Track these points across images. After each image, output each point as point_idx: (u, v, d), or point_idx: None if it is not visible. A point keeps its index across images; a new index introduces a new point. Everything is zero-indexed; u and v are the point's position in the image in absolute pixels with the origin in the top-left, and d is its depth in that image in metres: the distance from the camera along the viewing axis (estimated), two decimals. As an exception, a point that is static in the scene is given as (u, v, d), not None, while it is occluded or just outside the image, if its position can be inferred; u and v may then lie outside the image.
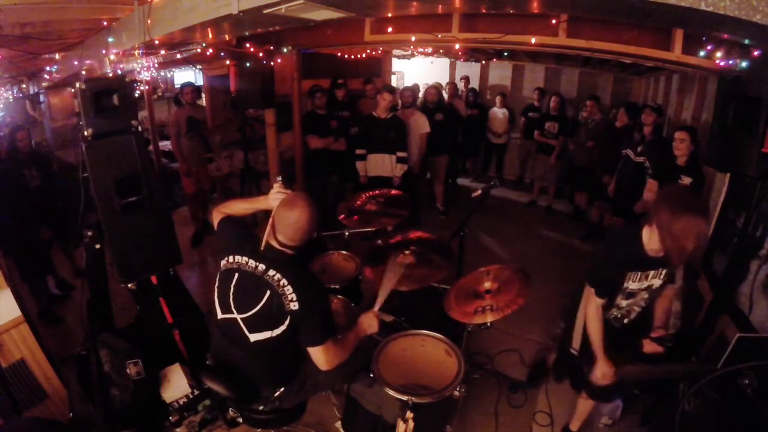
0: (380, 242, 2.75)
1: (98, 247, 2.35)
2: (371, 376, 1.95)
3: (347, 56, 5.70)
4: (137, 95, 4.63)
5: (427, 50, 6.31)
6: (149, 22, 2.35)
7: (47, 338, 2.61)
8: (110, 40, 2.81)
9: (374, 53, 6.07)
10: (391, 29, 3.48)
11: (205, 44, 3.35)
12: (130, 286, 2.44)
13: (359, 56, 5.86)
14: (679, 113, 4.51)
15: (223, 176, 5.13)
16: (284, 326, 1.67)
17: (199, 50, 3.65)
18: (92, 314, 2.44)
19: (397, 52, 6.73)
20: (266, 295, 1.67)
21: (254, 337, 1.72)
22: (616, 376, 1.89)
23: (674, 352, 1.93)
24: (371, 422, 1.99)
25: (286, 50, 4.36)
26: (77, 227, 2.35)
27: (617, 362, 1.89)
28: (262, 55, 4.00)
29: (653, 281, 1.93)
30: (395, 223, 3.00)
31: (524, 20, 3.00)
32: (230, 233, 1.87)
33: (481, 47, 4.92)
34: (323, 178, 4.71)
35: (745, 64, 2.27)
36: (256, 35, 3.69)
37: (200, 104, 5.56)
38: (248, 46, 3.91)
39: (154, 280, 2.53)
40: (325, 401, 2.50)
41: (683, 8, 1.39)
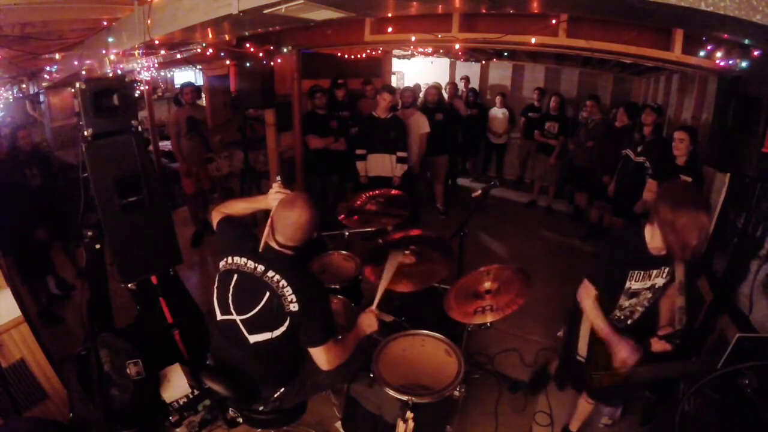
0: (380, 242, 2.75)
1: (98, 247, 2.36)
2: (371, 376, 1.95)
3: (347, 56, 5.70)
4: (137, 95, 4.63)
5: (427, 50, 6.31)
6: (149, 22, 2.35)
7: (47, 338, 2.61)
8: (110, 40, 2.81)
9: (374, 53, 6.07)
10: (391, 29, 3.48)
11: (205, 44, 3.35)
12: (130, 286, 2.44)
13: (359, 56, 5.86)
14: (679, 113, 4.50)
15: (223, 176, 5.13)
16: (284, 327, 1.67)
17: (199, 50, 3.65)
18: (92, 314, 2.44)
19: (397, 52, 6.73)
20: (266, 296, 1.67)
21: (254, 338, 1.72)
22: (639, 352, 1.80)
23: (683, 348, 1.91)
24: (371, 422, 1.99)
25: (286, 50, 4.36)
26: (77, 227, 2.35)
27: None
28: (262, 55, 4.00)
29: (656, 280, 1.92)
30: (395, 223, 3.00)
31: (524, 20, 3.00)
32: (229, 233, 1.86)
33: (481, 47, 4.91)
34: (323, 178, 4.71)
35: (745, 64, 2.27)
36: (256, 35, 3.69)
37: (200, 104, 5.56)
38: (248, 46, 3.91)
39: (154, 280, 2.53)
40: (325, 401, 2.50)
41: (683, 8, 1.39)
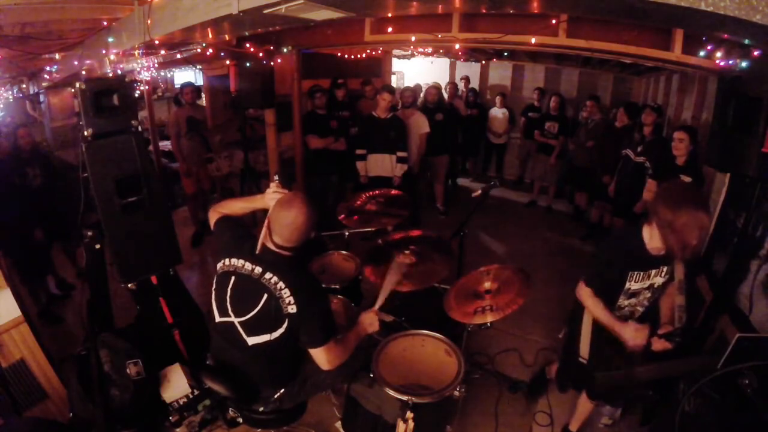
0: (380, 242, 2.75)
1: (98, 247, 2.36)
2: (371, 376, 1.94)
3: (347, 56, 5.70)
4: (137, 95, 4.63)
5: (427, 50, 6.31)
6: (149, 22, 2.34)
7: (47, 338, 2.61)
8: (110, 40, 2.81)
9: (374, 53, 6.07)
10: (391, 29, 3.47)
11: (205, 44, 3.35)
12: (130, 286, 2.44)
13: (359, 56, 5.86)
14: (679, 113, 4.50)
15: (223, 176, 5.13)
16: (282, 329, 1.66)
17: (199, 50, 3.65)
18: (92, 314, 2.44)
19: (397, 52, 6.73)
20: (263, 298, 1.65)
21: (252, 340, 1.71)
22: (646, 329, 1.81)
23: (684, 347, 1.91)
24: (371, 422, 1.99)
25: (286, 50, 4.36)
26: (77, 227, 2.35)
27: (626, 365, 1.88)
28: (262, 55, 4.00)
29: (655, 279, 1.92)
30: (395, 223, 3.00)
31: (524, 20, 3.00)
32: (227, 234, 1.84)
33: (481, 47, 4.92)
34: (323, 178, 4.71)
35: (745, 64, 2.27)
36: (256, 35, 3.69)
37: (200, 104, 5.56)
38: (248, 46, 3.91)
39: (154, 280, 2.53)
40: (325, 401, 2.50)
41: (683, 8, 1.39)
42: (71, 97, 6.01)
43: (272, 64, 4.19)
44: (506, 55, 6.09)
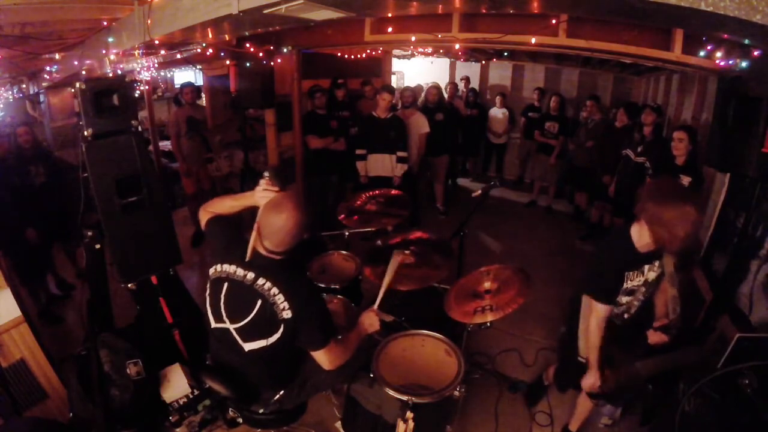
0: (380, 242, 2.75)
1: (98, 247, 2.36)
2: (371, 376, 1.94)
3: (347, 56, 5.69)
4: (137, 95, 4.62)
5: (427, 50, 6.30)
6: (149, 22, 2.34)
7: (47, 338, 2.61)
8: (110, 40, 2.81)
9: (374, 53, 6.07)
10: (391, 29, 3.47)
11: (205, 44, 3.35)
12: (130, 286, 2.44)
13: (359, 56, 5.85)
14: (679, 113, 4.50)
15: (223, 176, 5.13)
16: (278, 334, 1.64)
17: (199, 50, 3.65)
18: (92, 314, 2.45)
19: (397, 52, 6.73)
20: (257, 304, 1.63)
21: (249, 346, 1.69)
22: (605, 384, 1.92)
23: (679, 338, 1.93)
24: (371, 422, 1.99)
25: (286, 50, 4.36)
26: (77, 227, 2.35)
27: (626, 363, 1.89)
28: (262, 55, 4.00)
29: (649, 275, 1.95)
30: (395, 223, 3.00)
31: (524, 20, 3.00)
32: (219, 237, 1.80)
33: (481, 47, 4.92)
34: (323, 178, 4.71)
35: (745, 64, 2.27)
36: (256, 35, 3.69)
37: (200, 104, 5.56)
38: (248, 46, 3.91)
39: (154, 280, 2.53)
40: (325, 401, 2.50)
41: (683, 8, 1.39)
42: (71, 97, 6.00)
43: (272, 64, 4.19)
44: (506, 55, 6.09)
